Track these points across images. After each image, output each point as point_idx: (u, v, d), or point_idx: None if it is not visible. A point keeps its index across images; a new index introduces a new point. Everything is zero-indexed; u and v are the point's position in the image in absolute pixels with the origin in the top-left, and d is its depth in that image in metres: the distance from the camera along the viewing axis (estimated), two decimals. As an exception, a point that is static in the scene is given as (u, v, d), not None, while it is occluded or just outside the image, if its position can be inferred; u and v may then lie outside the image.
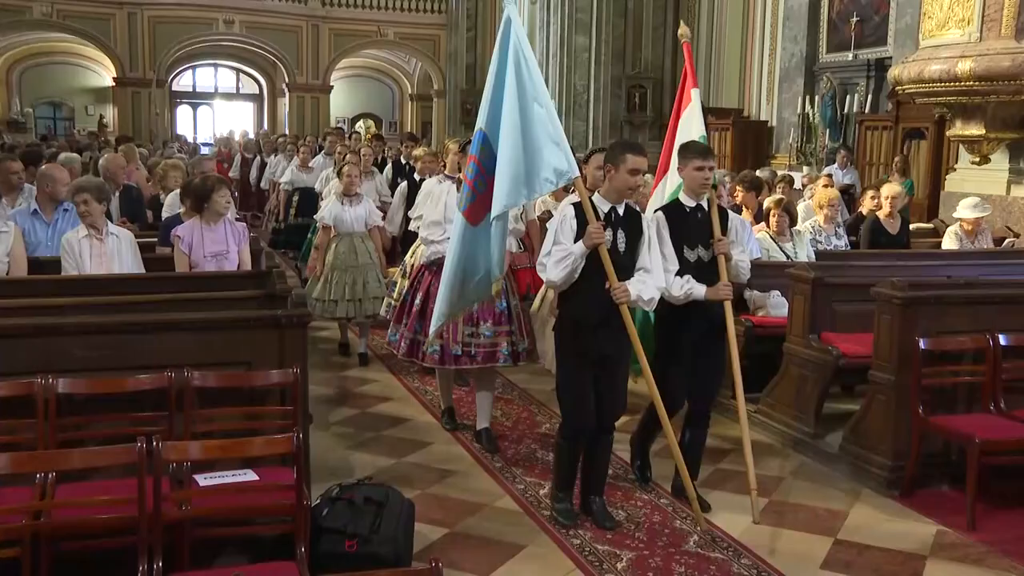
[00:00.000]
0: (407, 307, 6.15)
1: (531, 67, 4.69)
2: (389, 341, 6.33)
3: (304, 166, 12.28)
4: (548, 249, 4.60)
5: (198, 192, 6.03)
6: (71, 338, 4.24)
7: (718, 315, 4.97)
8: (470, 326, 5.80)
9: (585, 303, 4.62)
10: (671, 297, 4.85)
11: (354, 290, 7.85)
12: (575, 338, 4.67)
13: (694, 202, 4.99)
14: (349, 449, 5.97)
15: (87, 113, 31.26)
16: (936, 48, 9.64)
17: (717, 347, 5.05)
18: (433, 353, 5.86)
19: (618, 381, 4.82)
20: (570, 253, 4.52)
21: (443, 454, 5.91)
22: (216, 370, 4.32)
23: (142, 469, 3.47)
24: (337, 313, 7.91)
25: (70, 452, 3.79)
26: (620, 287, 4.52)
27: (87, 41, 28.23)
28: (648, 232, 4.75)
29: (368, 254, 7.99)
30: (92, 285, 5.11)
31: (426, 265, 6.13)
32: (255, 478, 3.97)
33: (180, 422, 4.19)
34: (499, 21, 5.39)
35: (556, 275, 4.55)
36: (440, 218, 5.96)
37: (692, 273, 4.90)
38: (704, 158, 4.94)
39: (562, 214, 4.68)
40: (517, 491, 5.30)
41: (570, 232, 4.59)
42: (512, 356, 5.88)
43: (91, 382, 4.14)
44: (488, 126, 4.76)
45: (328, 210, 8.00)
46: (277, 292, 4.84)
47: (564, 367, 4.81)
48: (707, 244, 4.96)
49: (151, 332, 4.36)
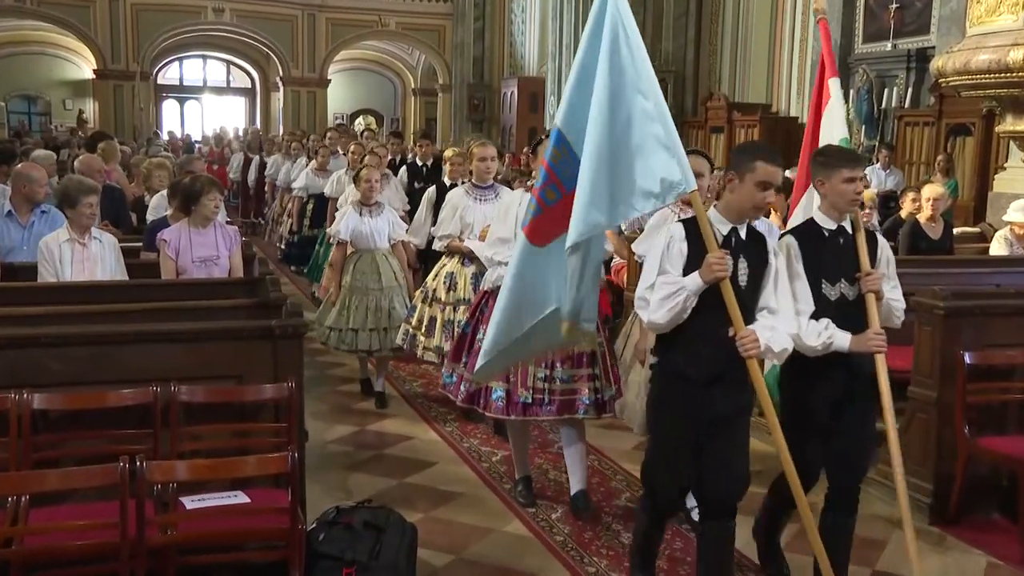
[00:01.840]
0: (467, 342, 5.48)
1: (634, 49, 3.83)
2: (444, 384, 5.64)
3: (322, 169, 11.68)
4: (651, 281, 3.84)
5: (186, 193, 6.04)
6: (48, 350, 4.24)
7: (864, 367, 4.12)
8: (543, 368, 5.16)
9: (696, 352, 3.88)
10: (806, 348, 4.01)
11: (377, 317, 7.23)
12: (679, 396, 3.94)
13: (834, 223, 4.16)
14: (347, 469, 5.97)
15: (65, 108, 31.28)
16: (985, 36, 9.59)
17: (863, 408, 4.23)
18: (497, 400, 5.21)
19: (735, 449, 3.99)
20: (681, 288, 3.75)
21: (448, 475, 5.90)
22: (205, 384, 4.33)
23: (124, 491, 3.48)
24: (358, 345, 7.25)
25: (46, 473, 3.80)
26: (748, 335, 3.75)
27: (65, 30, 28.21)
28: (775, 262, 3.98)
29: (393, 274, 7.37)
30: (72, 293, 5.13)
31: (491, 292, 5.34)
32: (246, 500, 3.98)
33: (166, 440, 4.19)
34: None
35: (662, 316, 3.79)
36: (510, 235, 5.27)
37: (832, 315, 4.07)
38: (853, 166, 4.11)
39: (668, 235, 3.91)
40: (527, 514, 5.30)
41: (679, 259, 3.84)
42: (595, 406, 5.19)
43: (69, 397, 4.14)
44: (567, 124, 3.96)
45: (344, 223, 7.30)
46: (270, 301, 4.85)
47: (659, 430, 4.14)
48: (852, 278, 4.14)
49: (135, 343, 4.36)
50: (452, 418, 6.97)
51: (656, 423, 4.15)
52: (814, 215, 4.23)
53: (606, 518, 5.24)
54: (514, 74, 27.26)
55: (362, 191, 7.35)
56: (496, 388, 5.19)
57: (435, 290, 6.79)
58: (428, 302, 6.83)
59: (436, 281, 6.83)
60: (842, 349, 4.02)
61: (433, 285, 6.84)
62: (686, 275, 3.79)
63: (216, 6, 28.94)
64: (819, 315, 4.04)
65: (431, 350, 6.73)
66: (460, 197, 6.65)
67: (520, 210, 5.08)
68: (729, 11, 19.49)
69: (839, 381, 4.13)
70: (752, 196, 3.84)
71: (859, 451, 4.26)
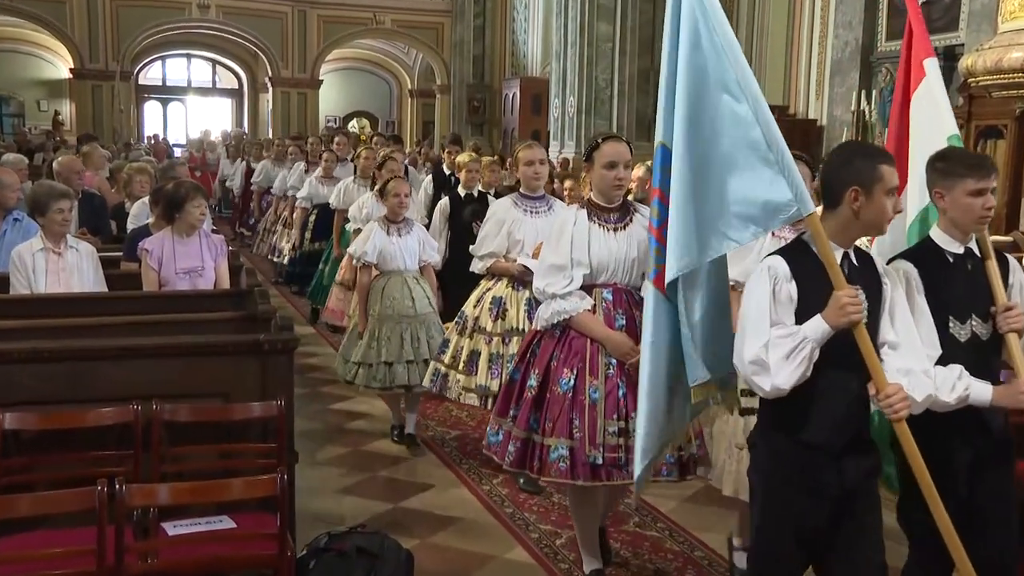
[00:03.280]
0: (516, 392, 4.69)
1: (719, 44, 3.35)
2: (488, 444, 4.79)
3: (328, 176, 10.98)
4: (764, 338, 3.17)
5: (169, 200, 6.03)
6: (21, 366, 4.24)
7: (997, 424, 3.59)
8: (615, 420, 4.39)
9: (824, 414, 3.24)
10: (938, 403, 3.34)
11: (415, 348, 6.61)
12: (800, 470, 3.28)
13: (960, 245, 3.58)
14: (340, 492, 5.96)
15: (40, 109, 31.35)
16: (1019, 32, 9.59)
17: (1001, 478, 3.62)
18: (558, 462, 4.39)
19: (869, 532, 3.34)
20: (804, 340, 3.12)
21: (446, 498, 5.89)
22: (189, 402, 4.33)
23: (102, 516, 3.46)
24: (395, 380, 6.56)
25: (17, 498, 3.77)
26: (896, 392, 3.13)
27: (40, 26, 28.31)
28: (890, 291, 3.36)
29: (427, 299, 6.79)
30: (47, 305, 5.13)
31: (546, 331, 4.64)
32: (232, 526, 3.97)
33: (147, 462, 4.19)
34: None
35: (787, 379, 3.13)
36: (564, 260, 4.52)
37: (962, 359, 3.44)
38: (982, 175, 3.50)
39: (770, 275, 3.24)
40: (531, 540, 5.28)
41: (789, 305, 3.22)
42: (679, 466, 4.46)
43: (44, 416, 4.14)
44: (670, 137, 3.46)
45: (371, 243, 6.65)
46: (259, 314, 4.85)
47: (772, 512, 3.40)
48: (985, 313, 3.55)
49: (114, 359, 4.37)
50: (451, 438, 6.96)
51: (768, 505, 3.41)
52: (932, 235, 3.66)
53: (615, 544, 5.22)
54: (516, 74, 27.35)
55: (390, 206, 6.74)
56: (556, 446, 4.42)
57: (477, 319, 6.07)
58: (467, 333, 6.09)
59: (479, 308, 6.10)
60: (982, 404, 3.41)
61: (475, 313, 6.10)
62: (799, 321, 3.19)
63: (201, 2, 29.05)
64: (946, 359, 3.44)
65: (471, 390, 5.97)
66: (507, 209, 6.09)
67: (578, 231, 4.56)
68: (744, 9, 19.51)
69: (971, 442, 3.51)
70: (884, 211, 3.22)
71: (1005, 523, 3.59)
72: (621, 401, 4.38)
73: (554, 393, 4.46)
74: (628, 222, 4.57)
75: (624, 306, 4.50)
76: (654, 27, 19.89)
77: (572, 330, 4.51)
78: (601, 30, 19.83)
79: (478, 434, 6.71)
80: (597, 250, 4.49)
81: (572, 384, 4.43)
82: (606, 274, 4.51)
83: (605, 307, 4.50)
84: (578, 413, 4.38)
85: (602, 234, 4.53)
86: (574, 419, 4.38)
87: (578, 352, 4.47)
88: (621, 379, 4.40)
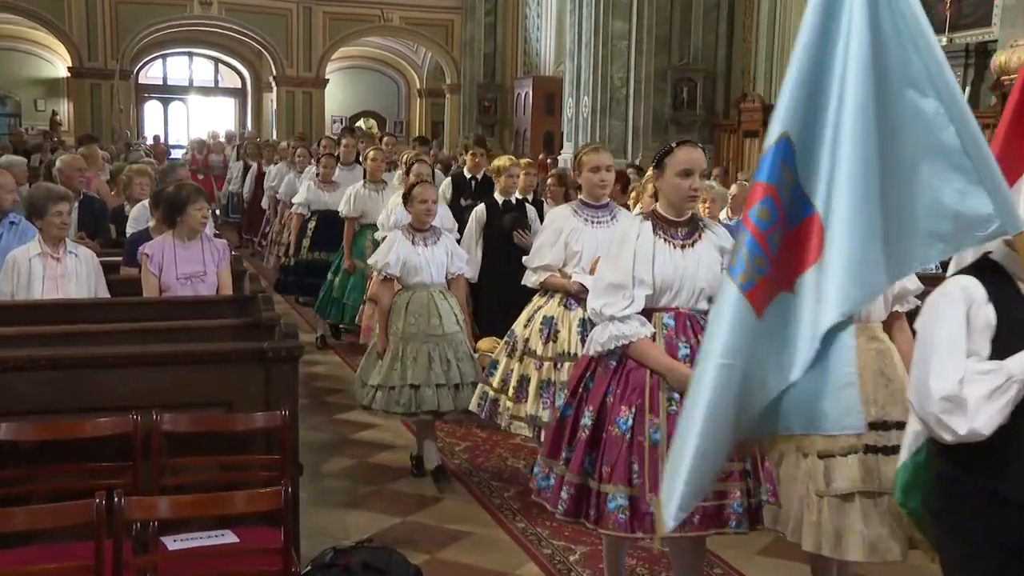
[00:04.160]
0: (567, 430, 4.30)
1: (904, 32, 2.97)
2: (538, 488, 4.40)
3: (326, 181, 10.47)
4: (959, 372, 2.77)
5: (170, 203, 6.03)
6: (17, 374, 4.25)
7: None
8: None
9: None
10: None
11: (445, 370, 6.18)
12: (1007, 529, 2.84)
13: None
14: (345, 506, 5.97)
15: (37, 109, 31.38)
16: (1054, 28, 9.58)
17: None
18: (617, 512, 4.01)
19: None
20: (1010, 380, 2.76)
21: (456, 512, 5.89)
22: (190, 412, 4.34)
23: (100, 530, 3.47)
24: (421, 404, 6.10)
25: (12, 511, 3.78)
26: None
27: (37, 24, 28.36)
28: None
29: (455, 316, 6.34)
30: (44, 312, 5.14)
31: (600, 361, 4.28)
32: (235, 540, 3.97)
33: (146, 474, 4.19)
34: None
35: (988, 422, 2.76)
36: (625, 278, 4.18)
37: None
38: None
39: (964, 294, 2.87)
40: (543, 556, 5.28)
41: (986, 331, 2.83)
42: (748, 514, 4.06)
43: (40, 426, 4.15)
44: (796, 129, 2.95)
45: (394, 253, 6.24)
46: (262, 321, 4.86)
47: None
48: None
49: (113, 367, 4.38)
50: (460, 450, 6.96)
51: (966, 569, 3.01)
52: None
53: (631, 561, 5.21)
54: (528, 73, 27.33)
55: (416, 213, 6.33)
56: (615, 494, 4.03)
57: (527, 340, 5.69)
58: (517, 356, 5.73)
59: (529, 329, 5.71)
60: None
61: (524, 334, 5.73)
62: (998, 355, 2.80)
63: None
64: None
65: (521, 419, 5.63)
66: (566, 218, 5.70)
67: (641, 245, 4.21)
68: (765, 3, 19.50)
69: None
70: None
71: None
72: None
73: (611, 434, 4.09)
74: (697, 239, 4.23)
75: (687, 333, 4.15)
76: (671, 25, 19.91)
77: (629, 360, 4.14)
78: (616, 28, 19.82)
79: (488, 446, 6.72)
80: (661, 268, 4.14)
81: (630, 424, 4.06)
82: (668, 295, 4.16)
83: (667, 334, 4.14)
84: (637, 457, 4.02)
85: (668, 250, 4.18)
86: (633, 464, 4.02)
87: (636, 387, 4.09)
88: None
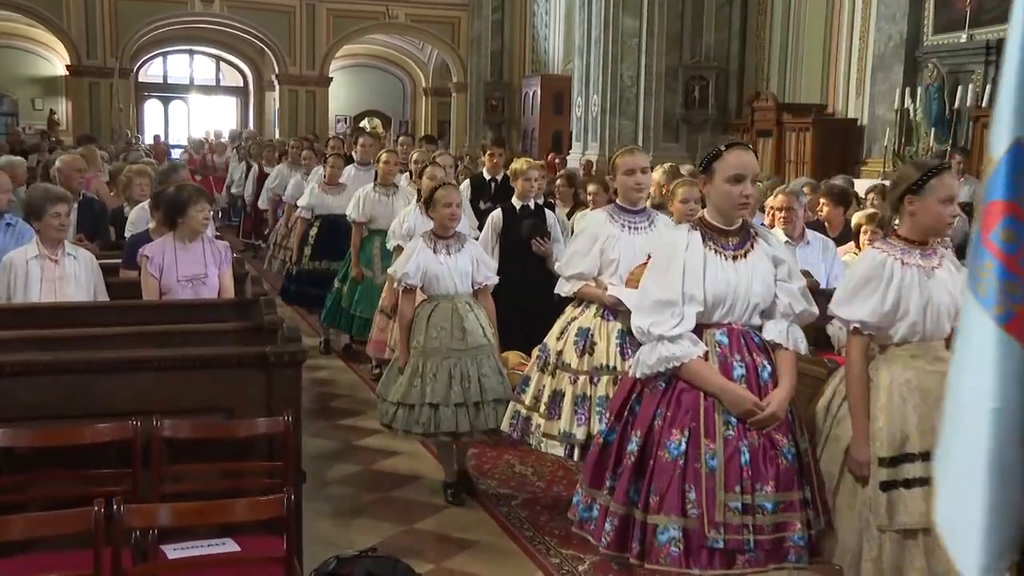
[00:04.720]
0: (611, 457, 4.12)
1: None
2: (580, 520, 4.25)
3: (332, 183, 10.17)
4: None
5: (171, 204, 6.04)
6: (14, 379, 4.26)
7: None
8: (738, 494, 3.82)
9: None
10: None
11: (465, 388, 5.87)
12: None
13: None
14: (349, 514, 5.97)
15: (34, 108, 31.44)
16: (1082, 23, 9.51)
17: None
18: (670, 545, 3.83)
19: None
20: None
21: (462, 520, 5.89)
22: (191, 418, 4.34)
23: (99, 538, 3.47)
24: (441, 425, 5.85)
25: (10, 519, 3.78)
26: None
27: (35, 21, 28.39)
28: None
29: (481, 330, 6.03)
30: (42, 315, 5.15)
31: (646, 382, 4.11)
32: (236, 549, 3.97)
33: (146, 481, 4.20)
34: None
35: None
36: (675, 294, 3.97)
37: None
38: None
39: None
40: (552, 566, 5.27)
41: None
42: (808, 547, 3.91)
43: (38, 433, 4.15)
44: None
45: (413, 262, 5.98)
46: (265, 324, 4.85)
47: None
48: None
49: (112, 372, 4.38)
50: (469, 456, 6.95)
51: None
52: None
53: (641, 571, 5.20)
54: (536, 72, 27.37)
55: (439, 218, 6.07)
56: (667, 526, 3.84)
57: (560, 353, 5.45)
58: (549, 370, 5.48)
59: (563, 341, 5.47)
60: None
61: (557, 347, 5.48)
62: None
63: (205, -4, 29.14)
64: None
65: (554, 437, 5.35)
66: (602, 224, 5.47)
67: (690, 258, 3.99)
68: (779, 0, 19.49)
69: None
70: None
71: None
72: (745, 470, 3.82)
73: (660, 460, 3.88)
74: (749, 248, 4.05)
75: (742, 351, 3.98)
76: (682, 21, 19.90)
77: (679, 381, 3.96)
78: (626, 25, 19.82)
79: (495, 452, 6.71)
80: (713, 282, 3.95)
81: (684, 449, 3.86)
82: (721, 311, 3.98)
83: (720, 353, 3.97)
84: (693, 484, 3.81)
85: (719, 262, 3.99)
86: (688, 492, 3.82)
87: (689, 409, 3.90)
88: (743, 442, 3.84)
